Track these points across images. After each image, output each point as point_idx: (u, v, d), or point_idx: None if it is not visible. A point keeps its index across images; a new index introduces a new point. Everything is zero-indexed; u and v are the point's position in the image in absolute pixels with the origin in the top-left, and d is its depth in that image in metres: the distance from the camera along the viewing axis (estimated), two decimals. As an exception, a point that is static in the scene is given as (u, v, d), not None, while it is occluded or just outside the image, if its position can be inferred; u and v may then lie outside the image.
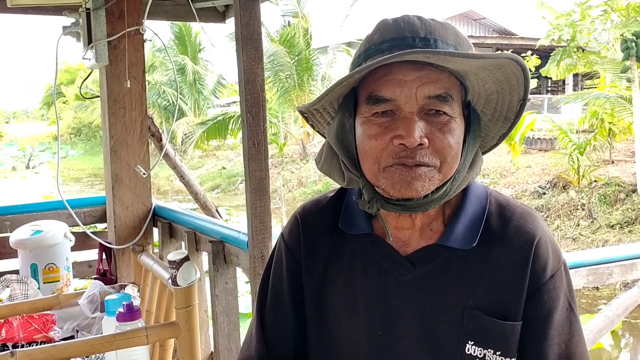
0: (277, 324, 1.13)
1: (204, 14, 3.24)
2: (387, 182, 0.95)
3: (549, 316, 0.99)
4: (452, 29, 0.97)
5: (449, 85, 0.95)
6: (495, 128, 1.05)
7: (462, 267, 1.00)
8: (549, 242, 1.02)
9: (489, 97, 1.01)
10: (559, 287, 1.00)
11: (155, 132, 3.53)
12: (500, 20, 27.63)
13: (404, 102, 0.93)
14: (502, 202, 1.05)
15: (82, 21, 2.72)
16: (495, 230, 1.01)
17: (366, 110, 0.97)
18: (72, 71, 36.13)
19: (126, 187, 2.97)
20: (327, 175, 1.09)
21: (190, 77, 25.57)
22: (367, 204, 0.99)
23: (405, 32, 0.94)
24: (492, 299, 0.99)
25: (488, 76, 0.96)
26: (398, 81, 0.93)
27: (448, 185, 0.97)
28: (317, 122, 1.11)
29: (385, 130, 0.94)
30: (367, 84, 0.97)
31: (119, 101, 2.91)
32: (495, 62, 0.92)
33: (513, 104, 1.01)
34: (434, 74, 0.93)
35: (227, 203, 18.27)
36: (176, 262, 1.87)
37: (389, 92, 0.93)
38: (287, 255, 1.14)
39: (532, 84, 18.91)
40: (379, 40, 0.96)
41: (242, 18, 2.07)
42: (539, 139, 16.61)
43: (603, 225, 11.27)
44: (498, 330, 0.98)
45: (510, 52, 13.66)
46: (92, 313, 2.27)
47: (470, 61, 0.90)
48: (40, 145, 38.87)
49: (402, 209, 0.97)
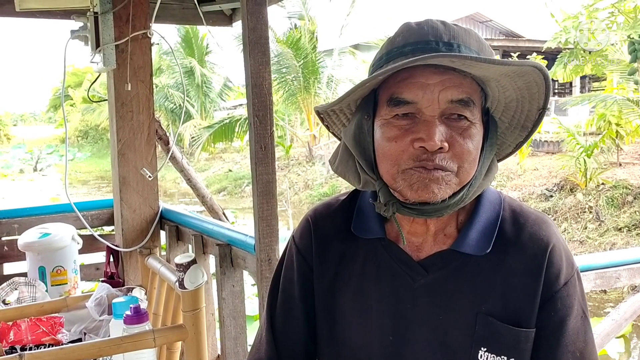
0: (287, 327, 1.13)
1: (211, 18, 3.25)
2: (404, 184, 0.94)
3: (562, 324, 0.98)
4: (475, 35, 0.97)
5: (471, 91, 0.95)
6: (512, 136, 1.05)
7: (475, 273, 1.00)
8: (562, 249, 1.01)
9: (508, 104, 1.01)
10: (573, 294, 1.00)
11: (162, 135, 3.54)
12: (506, 23, 27.57)
13: (425, 106, 0.93)
14: (516, 209, 1.05)
15: (90, 25, 2.74)
16: (509, 236, 1.01)
17: (386, 112, 0.96)
18: (79, 74, 36.29)
19: (133, 190, 2.99)
20: (342, 176, 1.08)
21: (198, 80, 25.65)
22: (384, 207, 0.99)
23: (429, 36, 0.94)
24: (505, 305, 0.98)
25: (509, 83, 0.96)
26: (420, 84, 0.93)
27: (465, 191, 0.96)
28: (332, 123, 1.11)
29: (406, 132, 0.94)
30: (388, 86, 0.96)
31: (126, 104, 2.93)
32: (519, 69, 0.91)
33: (532, 113, 1.00)
34: (457, 79, 0.93)
35: (233, 205, 18.29)
36: (183, 265, 1.87)
37: (411, 95, 0.93)
38: (298, 259, 1.13)
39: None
40: (402, 43, 0.96)
41: (250, 22, 2.08)
42: (546, 141, 16.55)
43: (611, 228, 11.21)
44: (511, 337, 0.97)
45: (517, 54, 13.65)
46: (99, 316, 2.28)
47: (494, 67, 0.89)
48: (47, 147, 39.05)
49: (418, 213, 0.97)
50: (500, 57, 0.94)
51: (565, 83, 23.13)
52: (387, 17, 23.93)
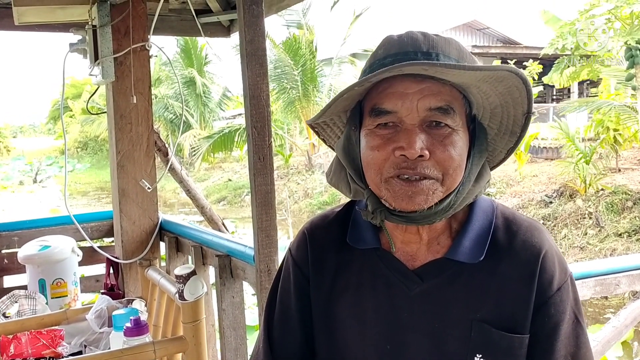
0: (284, 339, 1.13)
1: (209, 29, 3.27)
2: (388, 194, 0.96)
3: (556, 329, 0.99)
4: (456, 44, 0.98)
5: (451, 99, 0.96)
6: (502, 142, 1.06)
7: (469, 281, 1.01)
8: (555, 256, 1.02)
9: (493, 110, 1.02)
10: (566, 299, 1.00)
11: (161, 146, 3.55)
12: (504, 30, 27.69)
13: (405, 114, 0.95)
14: (509, 216, 1.06)
15: (89, 38, 2.75)
16: (502, 243, 1.02)
17: (370, 122, 0.98)
18: (78, 85, 36.37)
19: (133, 202, 2.99)
20: (335, 187, 1.10)
21: (200, 90, 25.72)
22: (371, 214, 1.00)
23: (408, 47, 0.96)
24: (499, 312, 0.99)
25: (490, 89, 0.97)
26: (400, 94, 0.95)
27: (452, 197, 0.97)
28: (328, 136, 1.13)
29: (387, 141, 0.96)
30: (371, 97, 0.99)
31: (125, 117, 2.94)
32: (495, 74, 0.92)
33: (518, 118, 1.01)
34: (435, 87, 0.95)
35: (233, 215, 18.29)
36: (183, 277, 1.88)
37: (391, 105, 0.95)
38: (294, 270, 1.14)
39: (535, 91, 18.86)
40: (383, 55, 0.98)
41: (247, 34, 2.09)
42: (545, 147, 16.58)
43: (611, 234, 11.20)
44: (506, 343, 0.98)
45: (514, 61, 13.69)
46: (99, 328, 2.28)
47: (469, 73, 0.91)
48: (47, 159, 39.07)
49: (406, 220, 0.98)
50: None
51: (563, 89, 23.21)
52: (386, 26, 23.98)
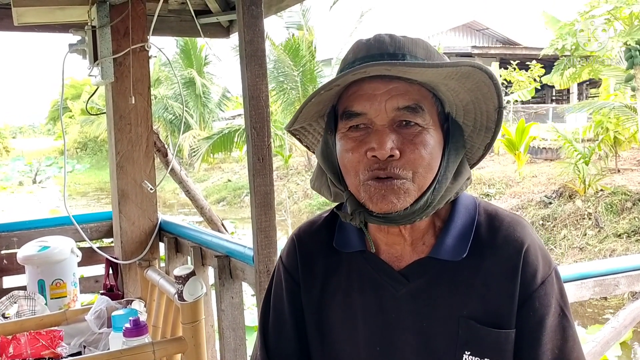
0: (280, 345, 1.14)
1: (209, 30, 3.27)
2: (366, 197, 0.97)
3: (542, 322, 0.99)
4: (423, 44, 0.99)
5: (419, 97, 0.97)
6: (479, 139, 1.06)
7: (454, 279, 1.01)
8: (538, 249, 1.03)
9: (465, 107, 1.03)
10: (550, 293, 1.01)
11: (160, 147, 3.55)
12: (503, 30, 27.70)
13: (374, 115, 0.96)
14: (491, 212, 1.06)
15: (88, 39, 2.75)
16: (485, 240, 1.03)
17: (342, 125, 1.00)
18: (77, 86, 36.37)
19: (132, 203, 2.99)
20: (318, 192, 1.12)
21: (199, 90, 25.72)
22: (350, 216, 1.02)
23: (375, 50, 0.98)
24: (485, 308, 1.00)
25: (459, 86, 0.98)
26: (368, 96, 0.96)
27: (428, 195, 0.98)
28: (310, 143, 1.15)
29: (360, 143, 0.97)
30: (342, 101, 1.01)
31: (124, 117, 2.94)
32: (458, 70, 0.93)
33: (491, 113, 1.02)
34: (403, 87, 0.96)
35: (232, 216, 18.29)
36: (182, 277, 1.88)
37: (360, 107, 0.97)
38: (285, 277, 1.16)
39: (535, 92, 18.77)
40: (352, 59, 1.00)
41: (246, 35, 2.10)
42: (544, 148, 16.59)
43: (610, 235, 11.20)
44: (493, 339, 0.99)
45: (515, 62, 13.70)
46: (99, 329, 2.28)
47: (431, 70, 0.92)
48: (47, 159, 39.06)
49: (385, 221, 0.99)
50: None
51: (563, 90, 23.22)
52: (385, 26, 23.94)
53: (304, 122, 1.09)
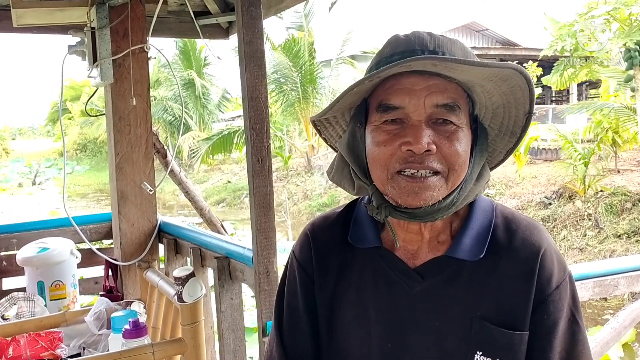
0: (295, 340, 1.14)
1: (208, 31, 3.27)
2: (394, 191, 0.97)
3: (555, 326, 1.00)
4: (461, 45, 1.00)
5: (457, 96, 0.98)
6: (502, 143, 1.07)
7: (469, 279, 1.02)
8: (554, 254, 1.03)
9: (495, 110, 1.03)
10: (564, 297, 1.01)
11: (160, 148, 3.54)
12: (503, 31, 27.68)
13: (412, 110, 0.96)
14: (508, 215, 1.07)
15: (87, 40, 2.75)
16: (502, 242, 1.03)
17: (376, 118, 0.99)
18: (77, 87, 36.36)
19: (132, 204, 2.99)
20: (338, 184, 1.11)
21: (199, 92, 25.72)
22: (376, 210, 1.01)
23: (415, 45, 0.97)
24: (499, 309, 1.00)
25: (494, 88, 0.99)
26: (407, 90, 0.96)
27: (455, 194, 0.99)
28: (329, 135, 1.15)
29: (394, 137, 0.97)
30: (377, 94, 1.00)
31: (124, 118, 2.94)
32: (500, 72, 0.94)
33: (519, 118, 1.03)
34: (442, 84, 0.96)
35: (232, 217, 18.28)
36: (182, 279, 1.88)
37: (398, 100, 0.96)
38: (299, 272, 1.15)
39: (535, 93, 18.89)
40: (390, 53, 0.99)
41: (245, 36, 2.10)
42: (544, 149, 16.59)
43: (610, 235, 11.21)
44: (506, 340, 0.99)
45: (515, 63, 13.86)
46: (98, 330, 2.28)
47: (476, 70, 0.92)
48: (46, 161, 39.06)
49: (410, 216, 0.99)
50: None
51: (562, 90, 23.20)
52: (385, 27, 23.99)
53: (337, 112, 1.08)
